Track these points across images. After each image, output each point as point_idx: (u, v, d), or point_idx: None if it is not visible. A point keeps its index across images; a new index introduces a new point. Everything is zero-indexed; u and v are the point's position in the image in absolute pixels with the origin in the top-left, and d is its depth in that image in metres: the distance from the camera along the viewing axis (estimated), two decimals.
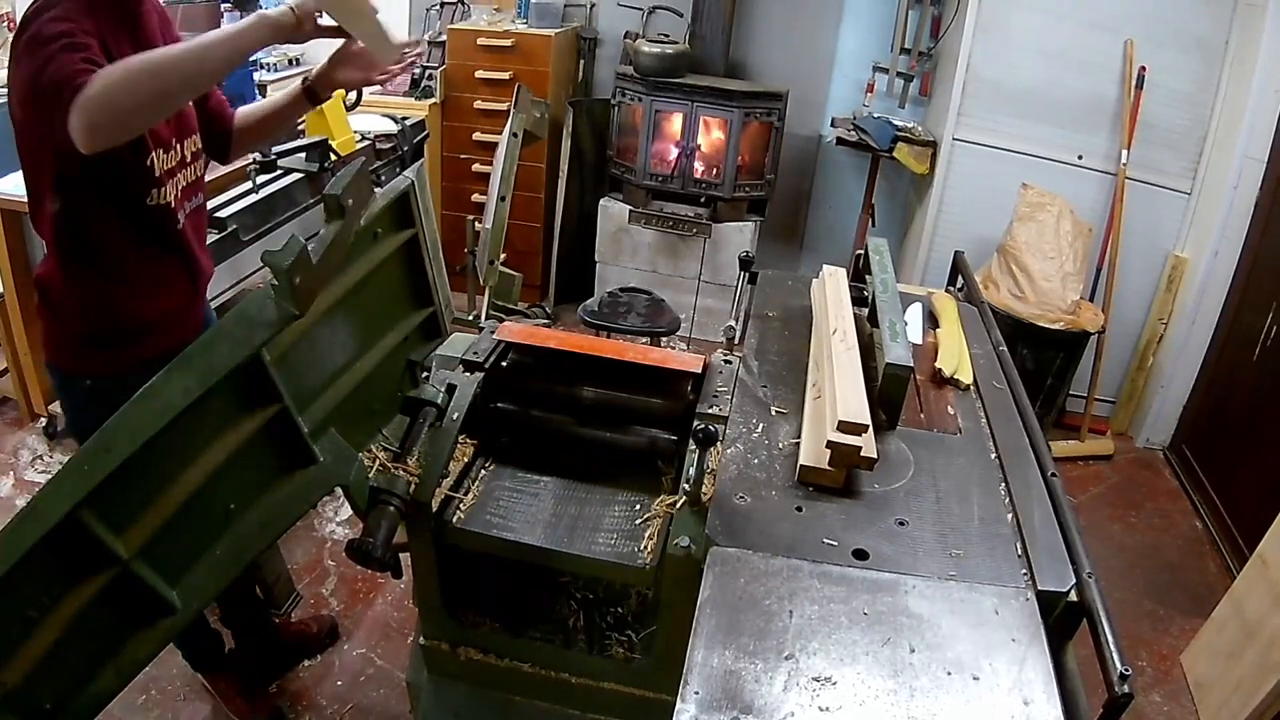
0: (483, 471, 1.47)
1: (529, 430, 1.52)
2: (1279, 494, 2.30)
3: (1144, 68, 3.30)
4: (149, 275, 1.57)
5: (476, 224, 3.13)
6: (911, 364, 1.42)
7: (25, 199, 2.69)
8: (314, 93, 1.64)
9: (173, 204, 1.53)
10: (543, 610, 1.47)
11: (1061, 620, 1.11)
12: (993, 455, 1.40)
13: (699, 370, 1.50)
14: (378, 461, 1.30)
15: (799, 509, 1.23)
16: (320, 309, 1.15)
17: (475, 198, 3.99)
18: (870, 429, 1.27)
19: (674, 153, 3.77)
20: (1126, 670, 0.99)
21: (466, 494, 1.40)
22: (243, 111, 1.75)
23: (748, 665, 0.97)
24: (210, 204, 2.29)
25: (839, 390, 1.34)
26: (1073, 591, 1.12)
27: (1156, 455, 3.61)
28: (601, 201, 3.97)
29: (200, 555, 1.09)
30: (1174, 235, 3.48)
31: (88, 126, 1.23)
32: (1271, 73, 3.10)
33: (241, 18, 4.21)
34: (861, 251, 1.91)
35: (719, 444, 1.32)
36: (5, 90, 1.89)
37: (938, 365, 1.63)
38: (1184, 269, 3.44)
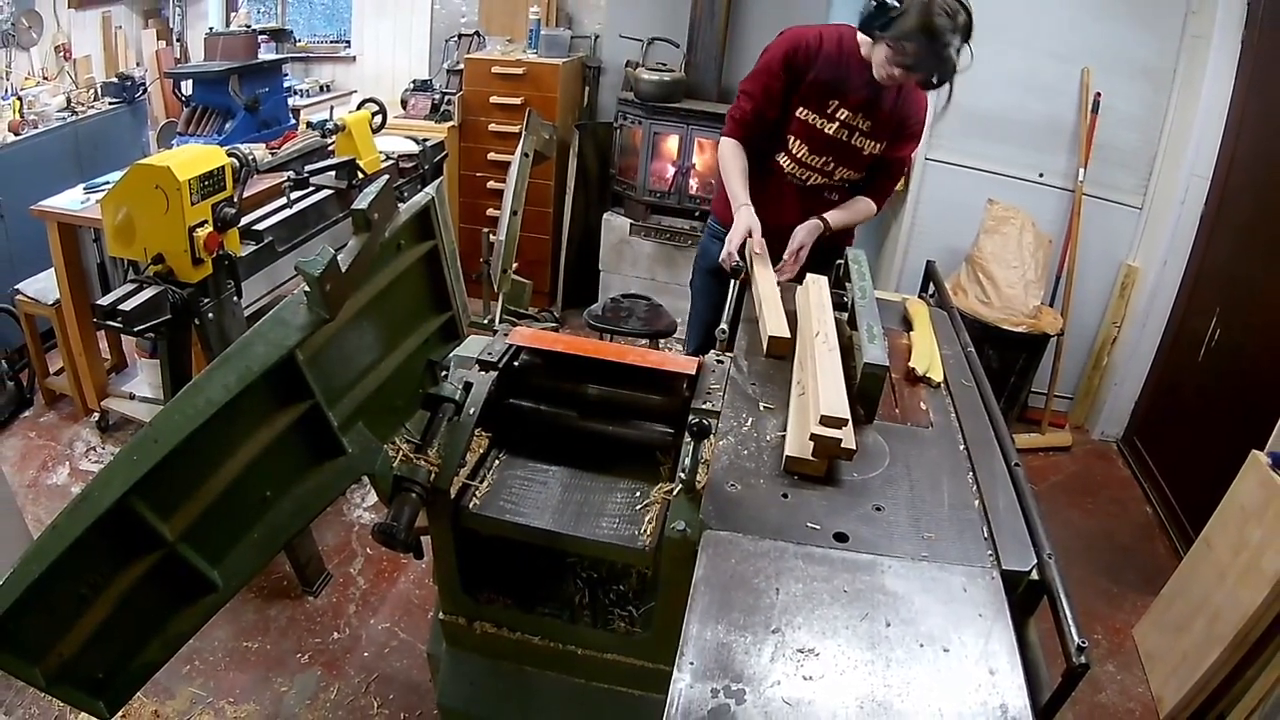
0: (496, 462, 1.47)
1: (539, 424, 1.52)
2: (1222, 482, 2.30)
3: (1099, 94, 3.30)
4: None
5: (491, 236, 3.14)
6: (887, 364, 1.42)
7: (81, 212, 2.71)
8: None
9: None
10: (551, 588, 1.46)
11: (1024, 597, 1.11)
12: (961, 447, 1.40)
13: (693, 371, 1.50)
14: (401, 452, 1.30)
15: (785, 496, 1.23)
16: (349, 313, 1.15)
17: (490, 212, 3.99)
18: (850, 423, 1.27)
19: (671, 171, 3.77)
20: (1083, 643, 0.99)
21: (482, 482, 1.40)
22: None
23: (738, 638, 0.97)
24: (247, 218, 2.30)
25: (821, 387, 1.34)
26: (1034, 571, 1.12)
27: (1110, 447, 3.61)
28: (605, 215, 3.97)
29: (240, 538, 1.09)
30: (1126, 246, 3.48)
31: None
32: (1215, 98, 3.10)
33: (277, 49, 4.21)
34: (842, 261, 1.91)
35: (712, 437, 1.32)
36: None
37: (911, 365, 1.63)
38: (1136, 277, 3.44)
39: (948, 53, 1.80)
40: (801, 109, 2.11)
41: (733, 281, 1.94)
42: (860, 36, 1.99)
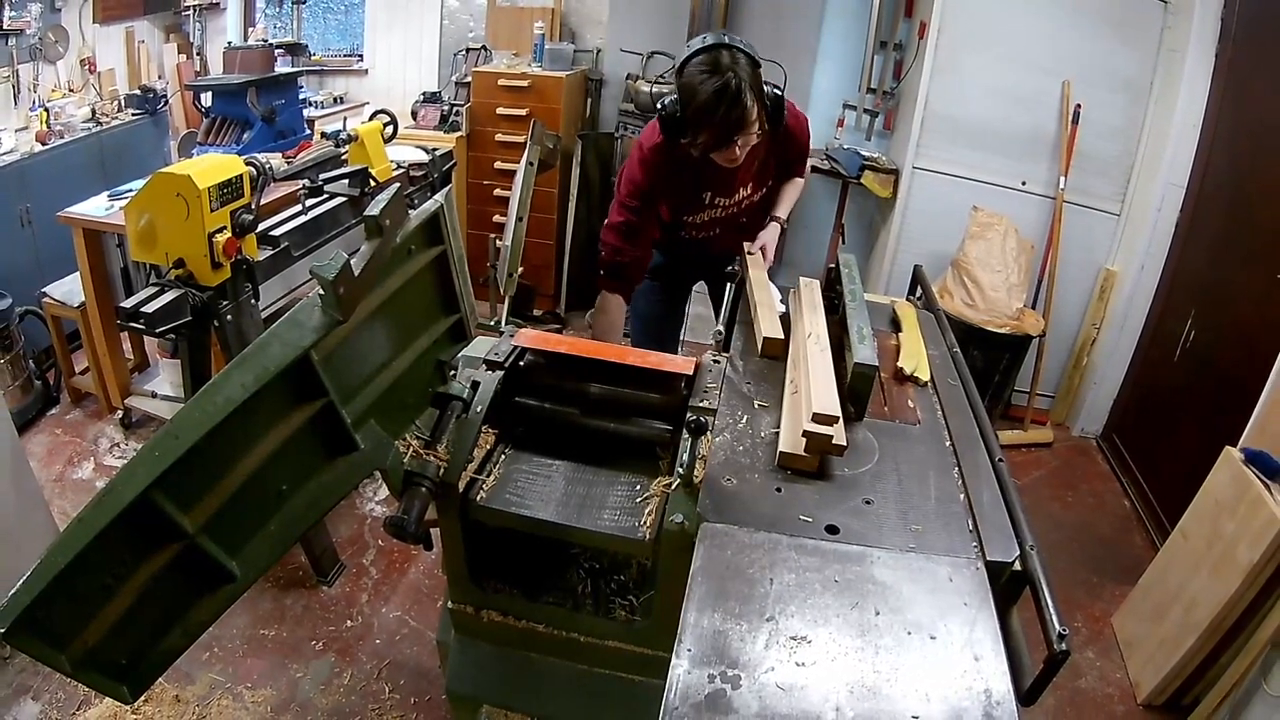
0: (502, 457, 1.46)
1: (543, 421, 1.52)
2: (1197, 477, 2.30)
3: (1079, 105, 3.30)
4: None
5: (497, 241, 3.14)
6: (877, 363, 1.42)
7: (105, 219, 2.71)
8: None
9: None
10: (555, 578, 1.46)
11: (1007, 587, 1.11)
12: (947, 443, 1.40)
13: (690, 371, 1.50)
14: (411, 448, 1.29)
15: (778, 490, 1.23)
16: (361, 315, 1.15)
17: (496, 218, 3.99)
18: (841, 420, 1.27)
19: None
20: (1064, 630, 0.99)
21: (488, 476, 1.39)
22: None
23: (734, 626, 0.97)
24: (264, 224, 2.30)
25: (813, 386, 1.34)
26: (1017, 561, 1.12)
27: (1090, 443, 3.61)
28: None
29: (257, 530, 1.09)
30: (1105, 251, 3.48)
31: None
32: (1190, 109, 3.10)
33: (292, 63, 4.20)
34: (833, 265, 1.91)
35: (709, 433, 1.32)
36: None
37: (899, 364, 1.63)
38: (1114, 281, 3.44)
39: (734, 113, 1.67)
40: (686, 215, 2.05)
41: (728, 285, 1.94)
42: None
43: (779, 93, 1.82)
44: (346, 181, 2.58)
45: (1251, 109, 2.89)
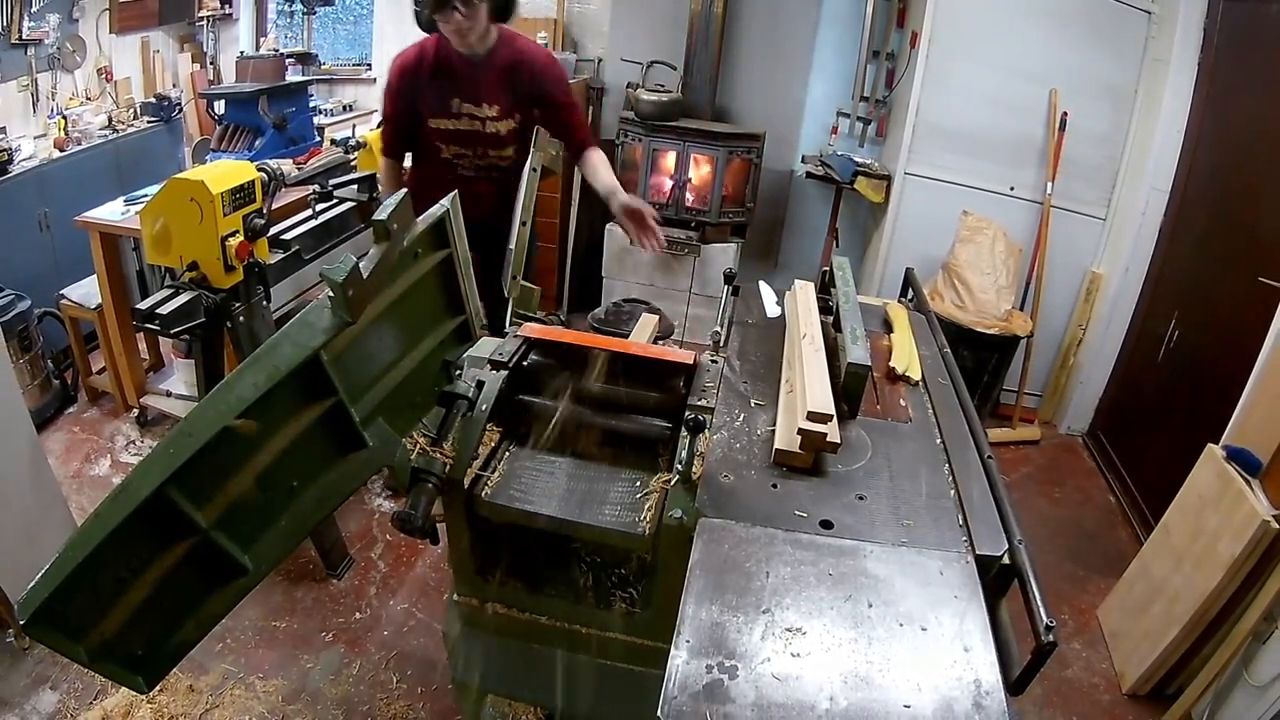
0: (507, 454, 1.46)
1: (546, 419, 1.52)
2: (1180, 473, 2.30)
3: (1066, 113, 3.30)
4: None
5: None
6: (870, 363, 1.41)
7: (121, 223, 2.71)
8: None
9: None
10: (557, 571, 1.46)
11: (996, 580, 1.11)
12: (938, 440, 1.40)
13: (690, 362, 1.49)
14: (418, 446, 1.29)
15: (774, 486, 1.23)
16: (369, 317, 1.15)
17: None
18: (835, 418, 1.27)
19: (669, 185, 3.77)
20: (1051, 622, 0.99)
21: (493, 473, 1.39)
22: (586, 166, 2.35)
23: (731, 618, 0.97)
24: (275, 228, 2.30)
25: (808, 385, 1.34)
26: (1005, 555, 1.12)
27: (1076, 440, 3.61)
28: (608, 226, 3.95)
29: (268, 525, 1.09)
30: (1091, 254, 3.48)
31: None
32: (1173, 117, 3.11)
33: (303, 72, 4.19)
34: (827, 268, 1.91)
35: (707, 431, 1.31)
36: None
37: (891, 364, 1.63)
38: (1100, 283, 3.44)
39: None
40: (431, 120, 2.25)
41: (725, 288, 1.94)
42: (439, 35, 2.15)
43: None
44: (355, 187, 2.58)
45: (1233, 116, 2.89)
